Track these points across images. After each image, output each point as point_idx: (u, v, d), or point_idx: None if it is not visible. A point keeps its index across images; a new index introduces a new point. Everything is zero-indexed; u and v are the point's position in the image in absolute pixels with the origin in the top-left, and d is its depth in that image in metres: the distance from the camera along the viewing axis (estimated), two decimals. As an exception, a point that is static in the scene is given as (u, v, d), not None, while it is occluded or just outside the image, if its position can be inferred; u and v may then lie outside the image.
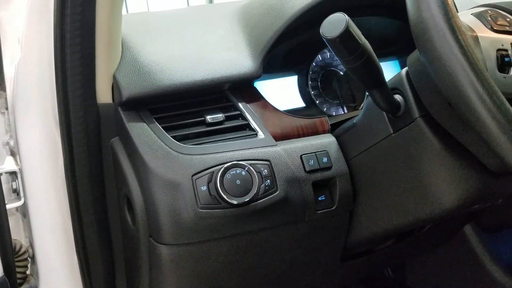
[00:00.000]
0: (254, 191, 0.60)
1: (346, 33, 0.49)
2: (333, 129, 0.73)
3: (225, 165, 0.60)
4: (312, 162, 0.66)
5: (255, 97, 0.71)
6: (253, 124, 0.68)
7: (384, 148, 0.63)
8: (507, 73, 0.46)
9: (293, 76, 0.85)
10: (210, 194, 0.60)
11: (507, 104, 0.41)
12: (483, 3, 0.87)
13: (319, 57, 0.87)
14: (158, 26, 0.78)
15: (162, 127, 0.64)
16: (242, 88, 0.71)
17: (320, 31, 0.50)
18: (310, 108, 0.86)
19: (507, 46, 0.47)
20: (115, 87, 0.64)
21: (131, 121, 0.63)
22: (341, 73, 0.89)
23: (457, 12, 0.55)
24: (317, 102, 0.86)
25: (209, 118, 0.67)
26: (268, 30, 0.71)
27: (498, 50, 0.46)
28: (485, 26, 0.47)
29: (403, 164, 0.61)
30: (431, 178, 0.58)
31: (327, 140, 0.69)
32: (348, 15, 0.50)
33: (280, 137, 0.69)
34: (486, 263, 0.94)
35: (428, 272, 1.07)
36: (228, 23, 0.78)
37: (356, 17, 0.85)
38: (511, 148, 0.40)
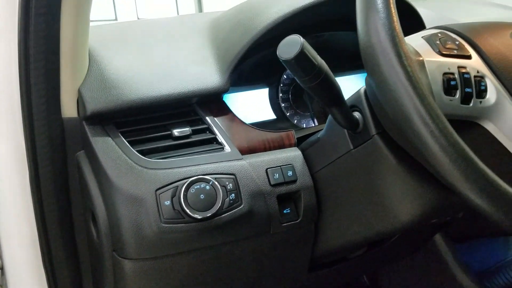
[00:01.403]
0: (218, 205, 0.61)
1: (301, 55, 0.50)
2: (303, 141, 0.74)
3: (190, 180, 0.61)
4: (277, 175, 0.67)
5: (223, 110, 0.72)
6: (220, 138, 0.69)
7: (345, 163, 0.64)
8: (454, 96, 0.47)
9: (264, 88, 0.86)
10: (173, 208, 0.60)
11: (450, 128, 0.42)
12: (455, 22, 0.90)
13: (291, 69, 0.88)
14: (127, 38, 0.78)
15: (127, 141, 0.65)
16: (210, 102, 0.71)
17: (277, 53, 0.51)
18: (281, 120, 0.87)
19: (454, 70, 0.47)
20: (80, 102, 0.64)
21: (95, 136, 0.63)
22: (312, 85, 0.90)
23: (418, 31, 0.57)
24: (288, 114, 0.87)
25: (175, 131, 0.67)
26: (236, 45, 0.72)
27: (445, 73, 0.47)
28: (433, 50, 0.48)
29: (363, 179, 0.62)
30: (389, 193, 0.60)
31: (293, 154, 0.70)
32: (317, 30, 0.50)
33: (246, 151, 0.69)
34: (456, 272, 0.96)
35: (401, 280, 1.09)
36: (197, 37, 0.78)
37: (326, 32, 0.87)
38: (454, 170, 0.41)
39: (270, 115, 0.87)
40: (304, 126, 0.87)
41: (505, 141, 0.48)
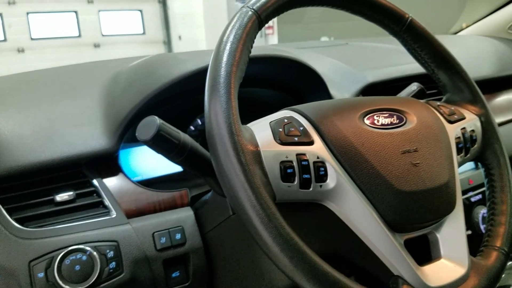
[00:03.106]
0: (94, 276, 0.60)
1: (158, 136, 0.50)
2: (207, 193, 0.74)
3: (65, 250, 0.60)
4: (164, 239, 0.67)
5: (113, 171, 0.71)
6: (106, 202, 0.68)
7: (227, 228, 0.64)
8: (292, 182, 0.48)
9: (172, 140, 0.86)
10: (47, 281, 0.59)
11: (281, 219, 0.43)
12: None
13: (198, 121, 0.88)
14: (18, 95, 0.76)
15: (6, 208, 0.63)
16: (100, 163, 0.71)
17: (136, 134, 0.51)
18: (189, 172, 0.87)
19: (292, 158, 0.48)
20: None
21: None
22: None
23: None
24: (194, 166, 0.87)
25: (58, 196, 0.66)
26: (126, 106, 0.71)
27: (282, 162, 0.47)
28: (274, 138, 0.49)
29: (243, 244, 0.63)
30: (262, 260, 0.60)
31: (184, 215, 0.70)
32: None
33: (134, 214, 0.69)
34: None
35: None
36: (93, 91, 0.77)
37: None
38: (283, 257, 0.42)
39: (178, 167, 0.87)
40: (212, 177, 0.87)
41: (346, 220, 0.49)
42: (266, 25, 0.53)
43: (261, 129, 0.50)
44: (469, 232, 0.88)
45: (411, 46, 0.64)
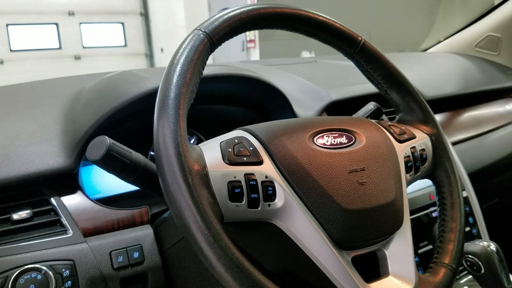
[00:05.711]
0: None
1: (108, 156, 0.50)
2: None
3: (20, 269, 0.60)
4: (121, 258, 0.67)
5: (72, 190, 0.71)
6: (63, 220, 0.68)
7: (185, 245, 0.65)
8: (240, 202, 0.48)
9: (135, 155, 0.86)
10: None
11: (226, 239, 0.44)
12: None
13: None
14: None
15: None
16: (59, 181, 0.70)
17: (86, 154, 0.52)
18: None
19: (240, 177, 0.48)
20: None
21: None
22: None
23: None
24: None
25: (15, 215, 0.66)
26: (85, 124, 0.71)
27: (230, 182, 0.48)
28: (223, 159, 0.49)
29: (199, 262, 0.63)
30: None
31: (143, 233, 0.70)
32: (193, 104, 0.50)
33: (92, 232, 0.68)
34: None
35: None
36: (55, 109, 0.77)
37: (202, 105, 0.89)
38: (228, 277, 0.43)
39: (141, 184, 0.87)
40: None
41: (294, 238, 0.50)
42: (248, 39, 0.54)
43: (210, 150, 0.50)
44: (430, 247, 0.89)
45: (364, 67, 0.65)
